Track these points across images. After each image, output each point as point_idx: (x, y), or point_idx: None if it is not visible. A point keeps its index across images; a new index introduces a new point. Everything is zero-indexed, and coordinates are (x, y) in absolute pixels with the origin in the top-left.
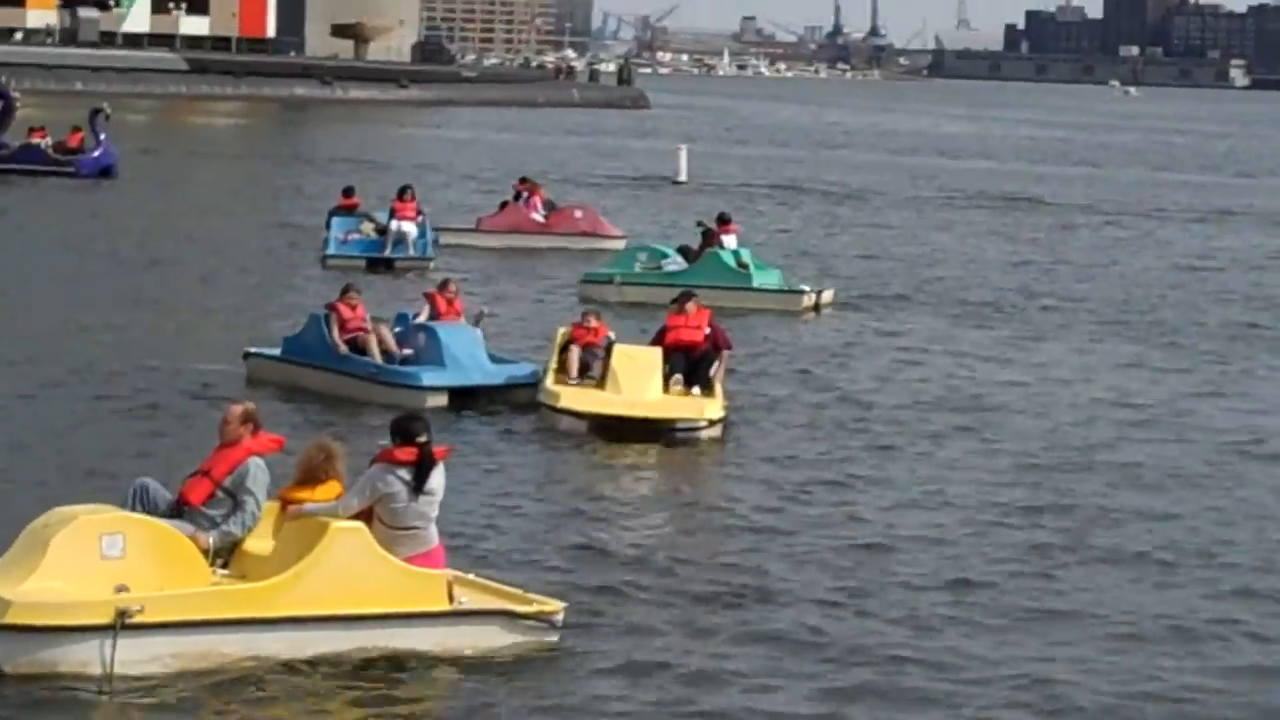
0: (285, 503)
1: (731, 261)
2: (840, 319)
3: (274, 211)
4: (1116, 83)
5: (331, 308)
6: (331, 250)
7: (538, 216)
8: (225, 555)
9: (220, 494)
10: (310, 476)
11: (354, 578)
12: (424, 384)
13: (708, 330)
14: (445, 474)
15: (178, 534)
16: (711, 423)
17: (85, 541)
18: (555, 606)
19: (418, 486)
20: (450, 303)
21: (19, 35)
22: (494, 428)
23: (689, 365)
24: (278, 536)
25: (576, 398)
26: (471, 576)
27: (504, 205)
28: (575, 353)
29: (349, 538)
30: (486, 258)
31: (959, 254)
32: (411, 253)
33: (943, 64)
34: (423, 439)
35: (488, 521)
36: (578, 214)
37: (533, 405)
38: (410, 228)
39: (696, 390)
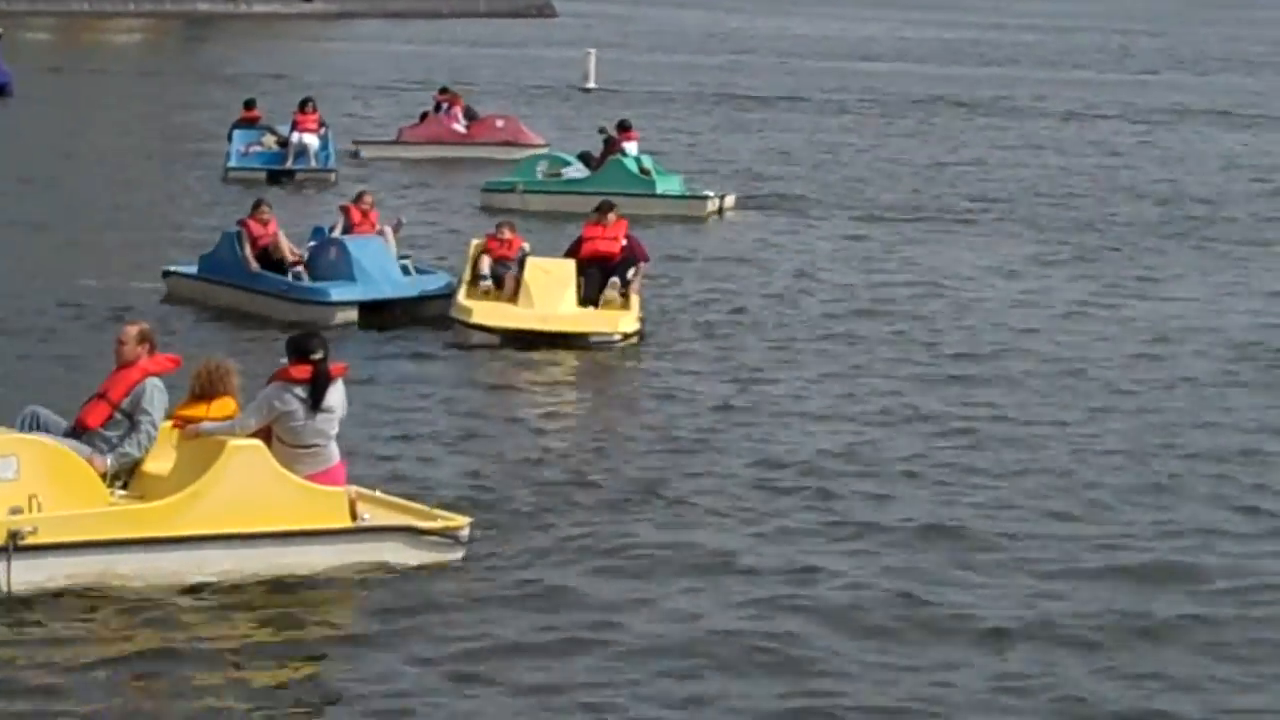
0: (181, 421)
1: (634, 168)
2: (744, 224)
3: (176, 128)
4: None
5: (243, 224)
6: (232, 163)
7: (459, 127)
8: (125, 477)
9: (118, 416)
10: (203, 393)
11: (252, 496)
12: (331, 299)
13: (624, 241)
14: (345, 391)
15: (73, 455)
16: (625, 336)
17: None
18: (460, 522)
19: (314, 404)
20: (365, 214)
21: None
22: (405, 342)
23: (605, 276)
24: (175, 456)
25: (489, 312)
26: (377, 493)
27: (424, 116)
28: (487, 264)
29: (246, 455)
30: (408, 169)
31: (866, 157)
32: (313, 164)
33: None
34: (318, 355)
35: (397, 435)
36: (499, 123)
37: (446, 319)
38: (311, 139)
39: (615, 282)
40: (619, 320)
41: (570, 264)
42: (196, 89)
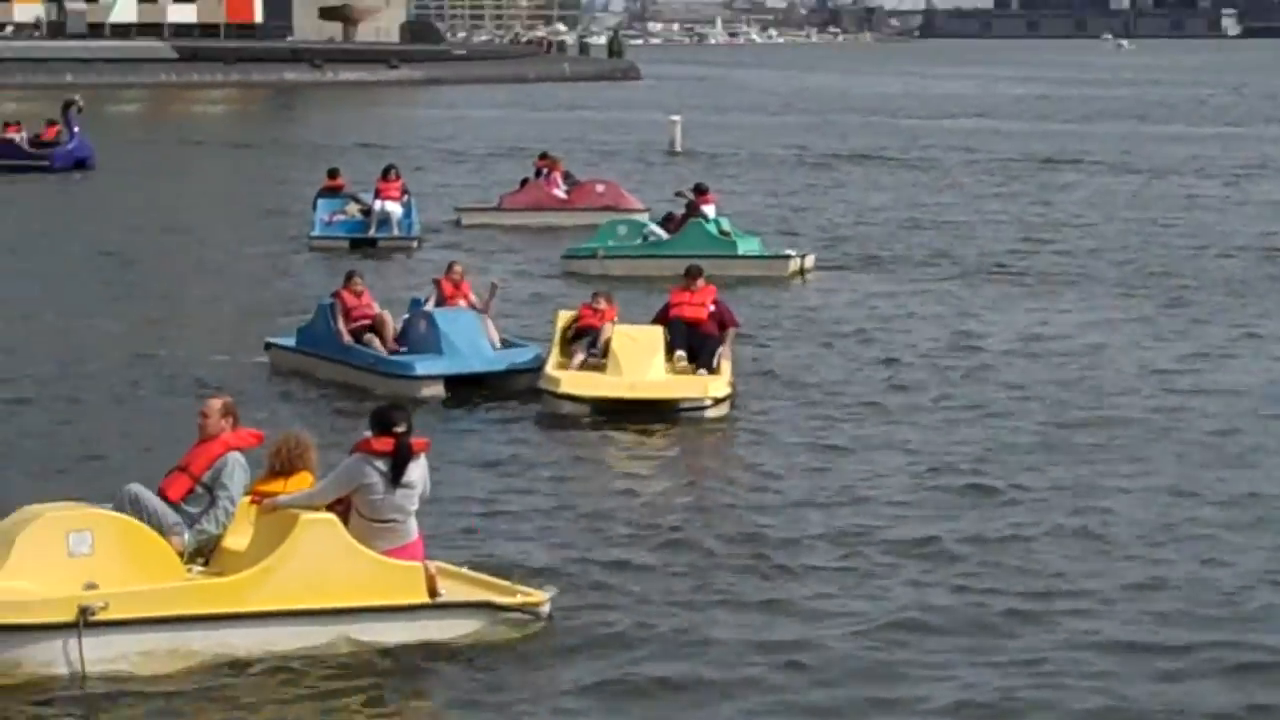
0: (258, 497)
1: (714, 230)
2: (825, 284)
3: (261, 198)
4: (1109, 35)
5: (336, 295)
6: (316, 232)
7: (559, 192)
8: (207, 554)
9: (199, 489)
10: (282, 469)
11: (326, 570)
12: (418, 373)
13: (712, 307)
14: (427, 467)
15: (147, 530)
16: (716, 401)
17: (52, 539)
18: (540, 598)
19: (395, 478)
20: (456, 285)
21: (8, 29)
22: (494, 415)
23: (692, 343)
24: (252, 531)
25: (577, 382)
26: (463, 569)
27: (525, 182)
28: (580, 344)
29: (319, 530)
30: (509, 236)
31: (954, 214)
32: (396, 232)
33: (934, 24)
34: (400, 429)
35: (484, 511)
36: (599, 188)
37: (535, 391)
38: (394, 207)
39: (702, 371)
40: (709, 386)
41: (658, 330)
42: (282, 159)
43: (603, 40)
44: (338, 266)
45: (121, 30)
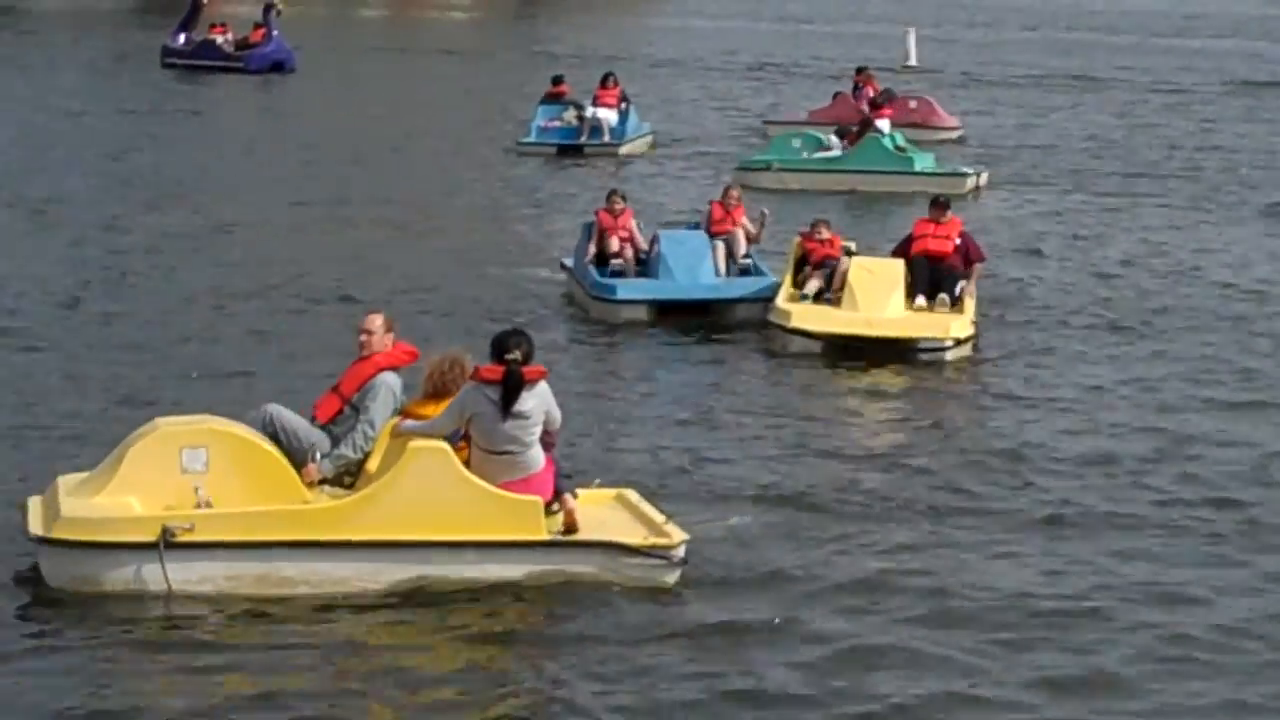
0: (406, 419)
1: (890, 145)
2: (999, 200)
3: (481, 106)
4: None
5: (597, 214)
6: (531, 138)
7: (868, 108)
8: (355, 476)
9: (347, 410)
10: (435, 391)
11: (433, 501)
12: (618, 297)
13: (958, 241)
14: (549, 396)
15: (267, 449)
16: (959, 341)
17: (165, 454)
18: (674, 539)
19: (506, 407)
20: (728, 211)
21: None
22: (706, 346)
23: (935, 278)
24: (381, 456)
25: (810, 316)
26: (630, 494)
27: (837, 96)
28: (813, 275)
29: (426, 459)
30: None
31: (1140, 136)
32: (607, 139)
33: None
34: (512, 355)
35: (679, 441)
36: (912, 104)
37: (761, 322)
38: (607, 114)
39: (944, 299)
40: (951, 325)
41: (898, 264)
42: (520, 68)
43: None
44: (540, 173)
45: None
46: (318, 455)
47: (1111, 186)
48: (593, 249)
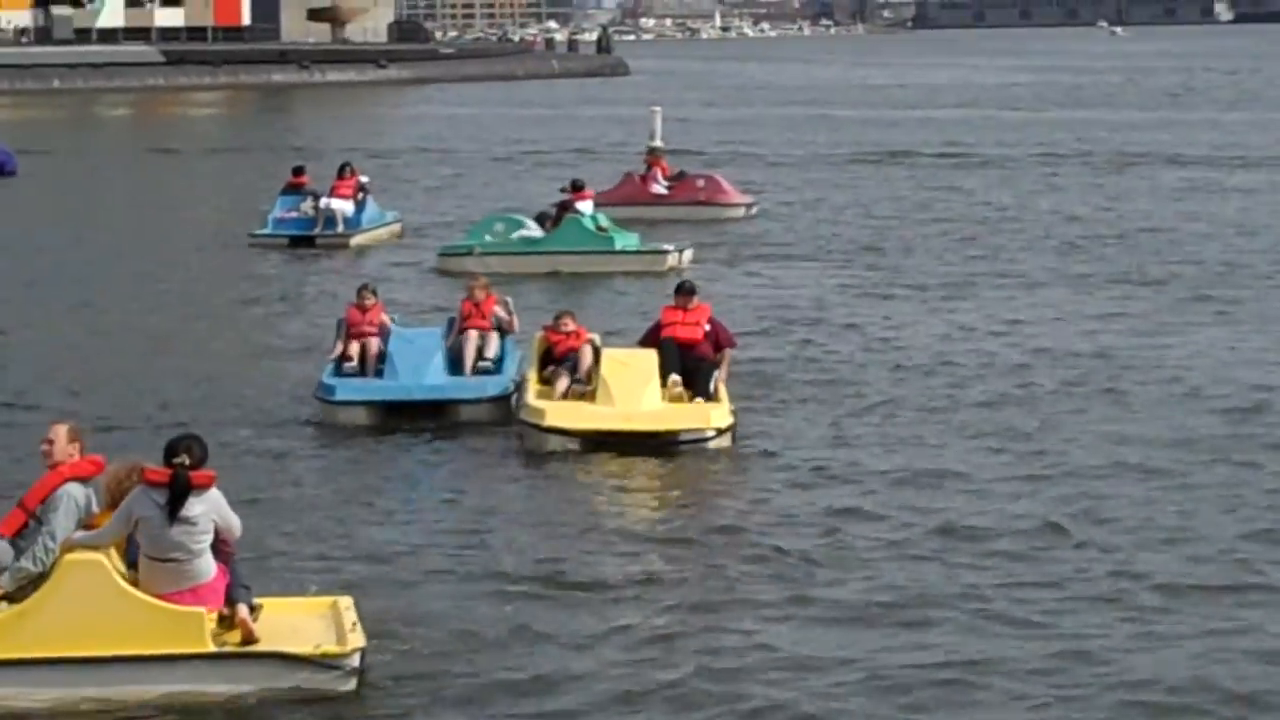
0: (90, 529)
1: (591, 225)
2: (703, 275)
3: (219, 200)
4: (1104, 23)
5: (347, 311)
6: (266, 230)
7: (659, 188)
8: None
9: (31, 524)
10: (115, 500)
11: (88, 615)
12: (336, 398)
13: (707, 328)
14: (220, 503)
15: None
16: (720, 431)
17: None
18: (346, 649)
19: (172, 513)
20: (477, 305)
21: None
22: (427, 447)
23: (686, 366)
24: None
25: (564, 413)
26: (343, 602)
27: (626, 176)
28: (562, 374)
29: (80, 572)
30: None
31: (883, 205)
32: (340, 229)
33: (927, 15)
34: (178, 459)
35: (446, 548)
36: (699, 182)
37: (499, 421)
38: (342, 205)
39: (698, 399)
40: (710, 414)
41: (651, 354)
42: (262, 162)
43: (593, 37)
44: (272, 266)
45: (109, 35)
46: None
47: (873, 261)
48: (339, 347)
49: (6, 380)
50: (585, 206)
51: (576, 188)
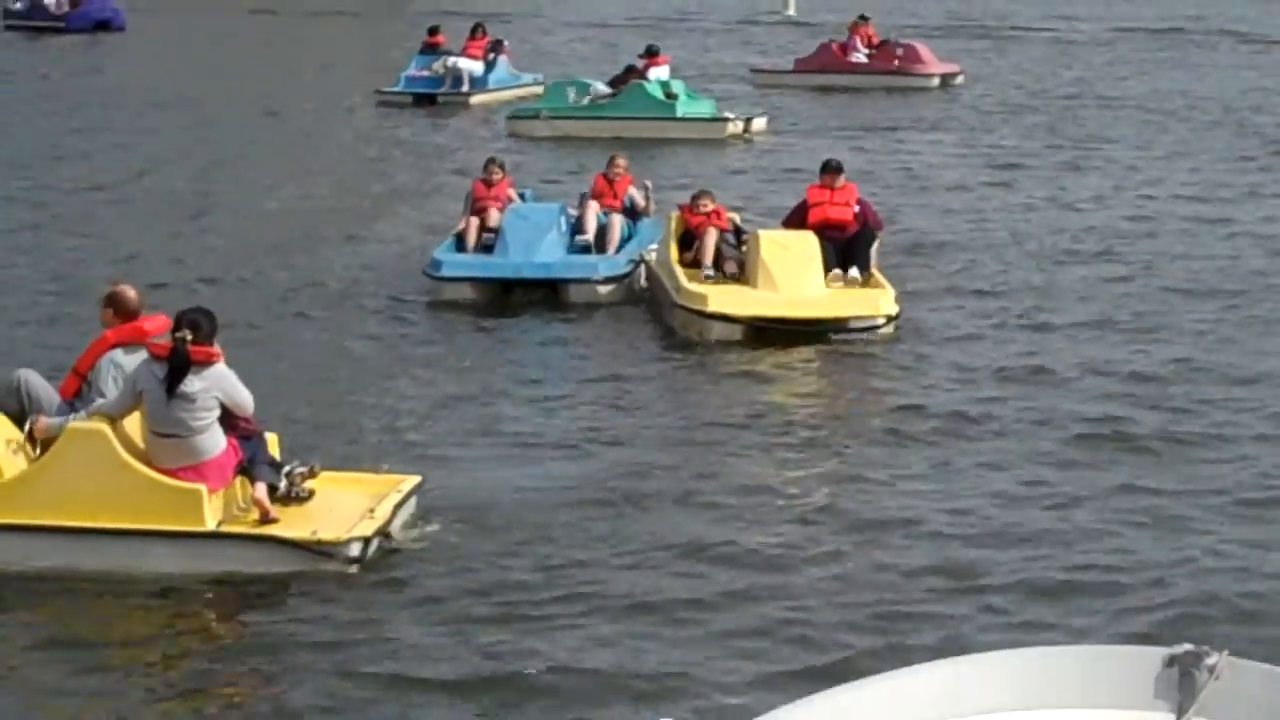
0: None
1: (657, 92)
2: (768, 145)
3: (364, 60)
4: None
5: (473, 185)
6: (397, 87)
7: (859, 56)
8: None
9: (83, 388)
10: None
11: (87, 486)
12: (441, 274)
13: (856, 208)
14: (226, 379)
15: None
16: (889, 319)
17: None
18: (341, 536)
19: (170, 387)
20: (611, 183)
21: None
22: (544, 326)
23: (839, 250)
24: None
25: (728, 299)
26: (409, 483)
27: (823, 45)
28: (709, 240)
29: (82, 441)
30: (799, 96)
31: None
32: (465, 88)
33: None
34: (179, 334)
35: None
36: (899, 51)
37: (609, 301)
38: (469, 64)
39: (855, 273)
40: (879, 301)
41: (811, 237)
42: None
43: None
44: (388, 122)
45: None
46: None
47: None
48: (464, 222)
49: (106, 235)
50: (659, 72)
51: (651, 53)
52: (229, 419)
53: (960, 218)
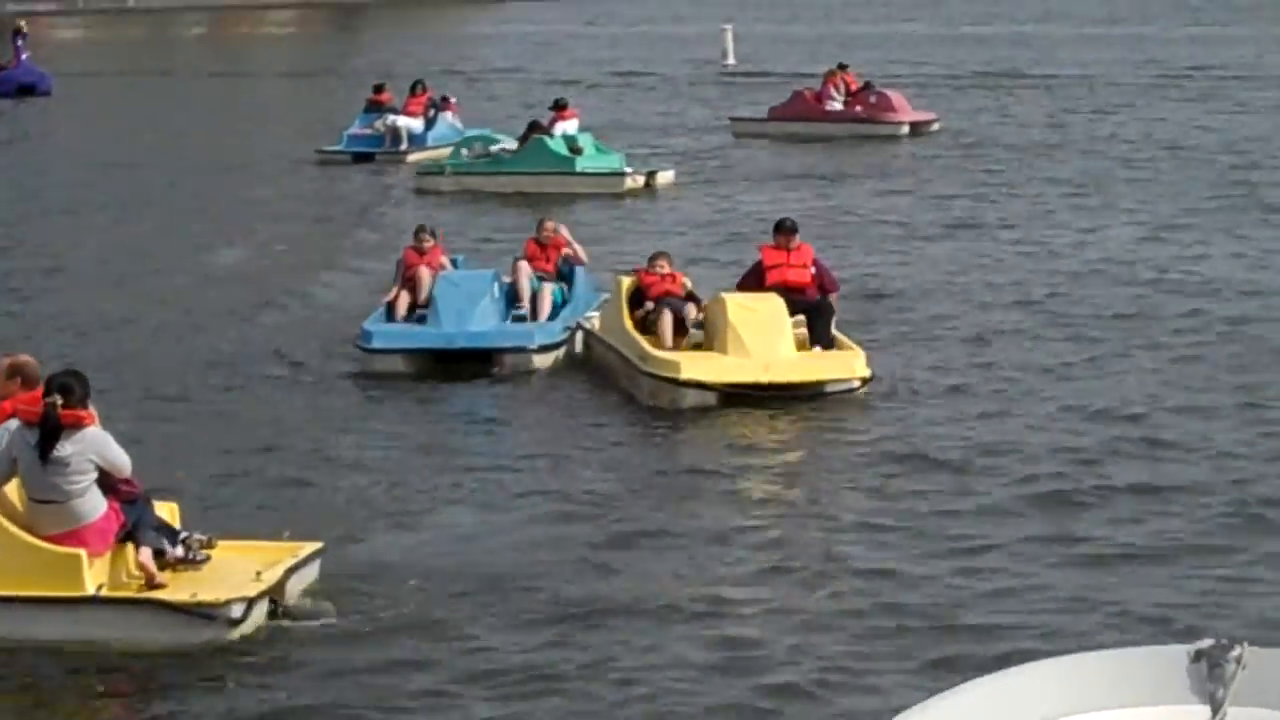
0: None
1: (559, 147)
2: (674, 198)
3: (305, 118)
4: None
5: (404, 253)
6: (338, 146)
7: (834, 104)
8: None
9: None
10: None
11: None
12: (372, 346)
13: (813, 270)
14: (101, 442)
15: None
16: (864, 381)
17: None
18: (221, 599)
19: (43, 453)
20: (544, 246)
21: None
22: (469, 396)
23: (797, 314)
24: None
25: (700, 365)
26: (306, 549)
27: (796, 94)
28: (665, 312)
29: None
30: (776, 146)
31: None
32: (403, 147)
33: None
34: (49, 398)
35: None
36: (871, 98)
37: (544, 369)
38: (408, 122)
39: (818, 351)
40: (853, 363)
41: (778, 299)
42: (351, 85)
43: None
44: (325, 182)
45: None
46: None
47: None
48: (395, 292)
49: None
50: (567, 126)
51: (559, 106)
52: (109, 482)
53: (898, 267)
